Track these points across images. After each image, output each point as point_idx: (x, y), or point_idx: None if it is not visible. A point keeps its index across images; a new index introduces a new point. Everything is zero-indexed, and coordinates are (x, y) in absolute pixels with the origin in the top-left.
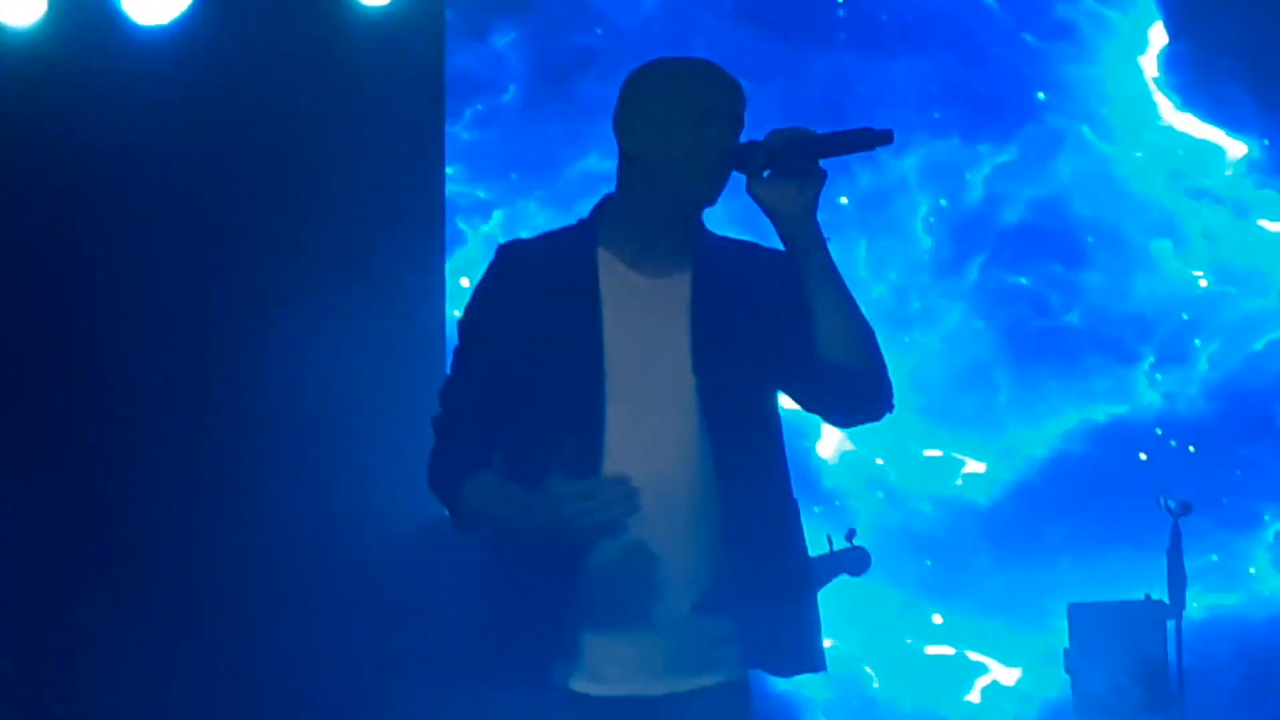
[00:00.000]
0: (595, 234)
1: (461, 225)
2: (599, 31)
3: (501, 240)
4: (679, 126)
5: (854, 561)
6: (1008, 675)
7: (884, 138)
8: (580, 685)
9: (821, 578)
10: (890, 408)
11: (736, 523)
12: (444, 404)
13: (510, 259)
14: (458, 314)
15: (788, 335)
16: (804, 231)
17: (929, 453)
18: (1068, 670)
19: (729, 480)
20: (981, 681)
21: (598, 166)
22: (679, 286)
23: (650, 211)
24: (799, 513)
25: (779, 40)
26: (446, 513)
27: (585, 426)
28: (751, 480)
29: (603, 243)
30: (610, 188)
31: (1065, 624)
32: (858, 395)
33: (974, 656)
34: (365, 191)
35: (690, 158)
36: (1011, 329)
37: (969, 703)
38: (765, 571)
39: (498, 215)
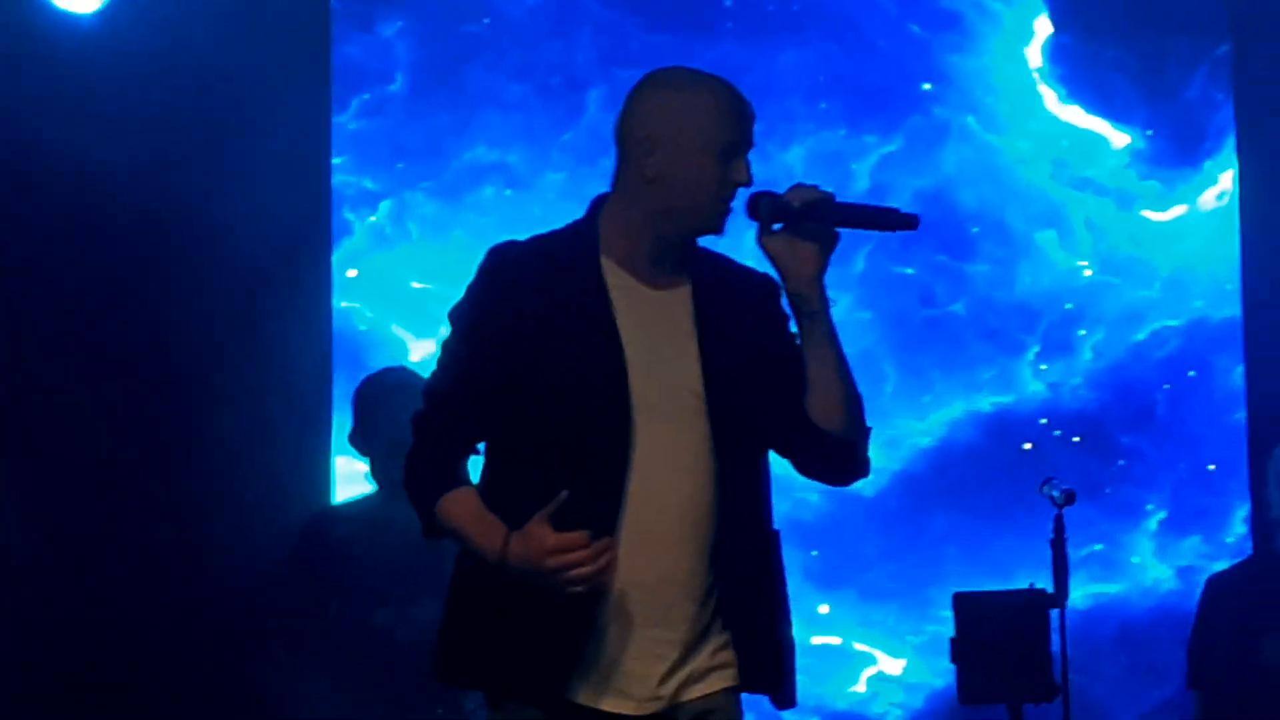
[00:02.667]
0: (596, 240)
1: (348, 216)
2: (486, 21)
3: (389, 231)
4: (706, 157)
5: None
6: (893, 665)
7: (909, 222)
8: (597, 702)
9: None
10: (864, 474)
11: (732, 542)
12: (431, 403)
13: (508, 261)
14: (345, 304)
15: (776, 367)
16: (811, 294)
17: None
18: (953, 660)
19: (730, 499)
20: (868, 671)
21: (485, 157)
22: (681, 298)
23: (658, 229)
24: (779, 540)
25: (666, 30)
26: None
27: (613, 439)
28: (748, 500)
29: (604, 250)
30: (498, 177)
31: (950, 613)
32: (835, 461)
33: (860, 646)
34: (251, 181)
35: (714, 190)
36: (898, 319)
37: (855, 692)
38: (756, 594)
39: (385, 206)
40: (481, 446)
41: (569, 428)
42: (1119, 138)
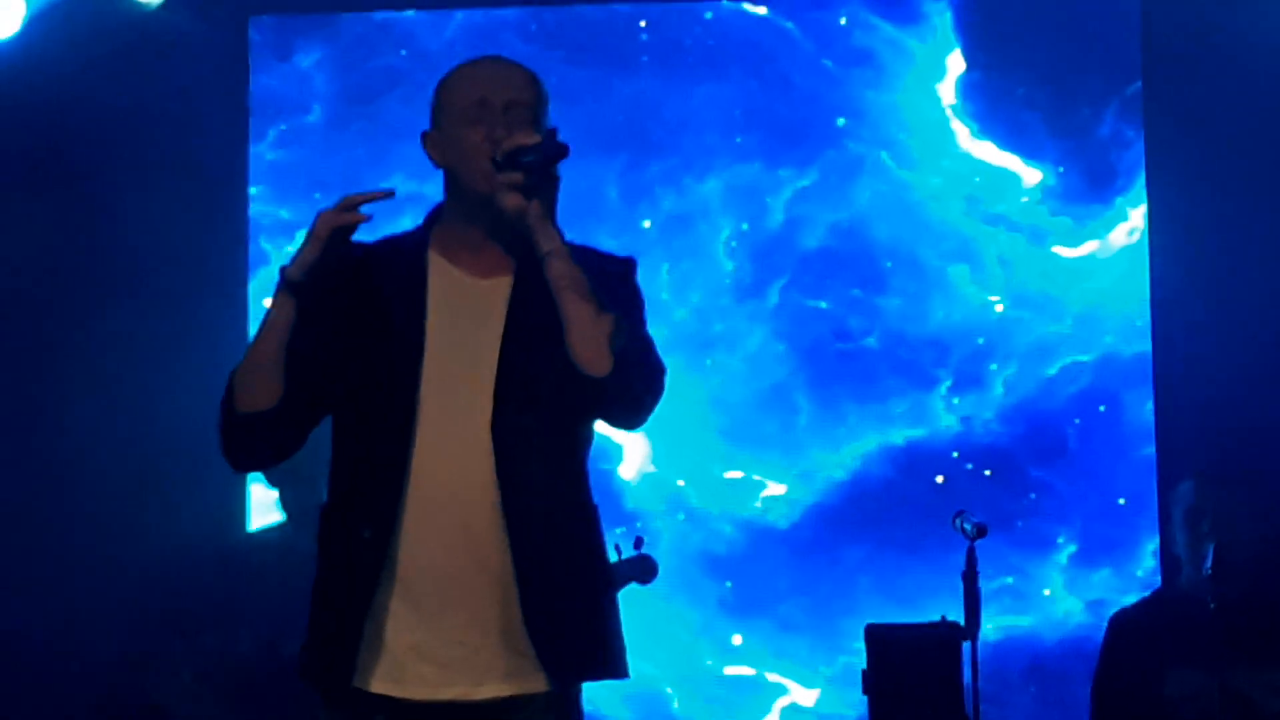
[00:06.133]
0: (427, 238)
1: (265, 246)
2: (403, 53)
3: None
4: (460, 127)
5: (640, 569)
6: (806, 696)
7: (564, 150)
8: (397, 690)
9: None
10: (641, 416)
11: (524, 525)
12: None
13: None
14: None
15: None
16: (538, 237)
17: (730, 474)
18: (865, 691)
19: (512, 479)
20: (781, 702)
21: (402, 188)
22: (501, 287)
23: (467, 215)
24: (595, 517)
25: (584, 64)
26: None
27: (398, 422)
28: (541, 484)
29: (433, 246)
30: (416, 208)
31: (863, 645)
32: (603, 403)
33: (773, 678)
34: (169, 212)
35: (473, 153)
36: (811, 352)
37: None
38: (559, 576)
39: (301, 236)
40: None
41: (365, 413)
42: (1031, 174)
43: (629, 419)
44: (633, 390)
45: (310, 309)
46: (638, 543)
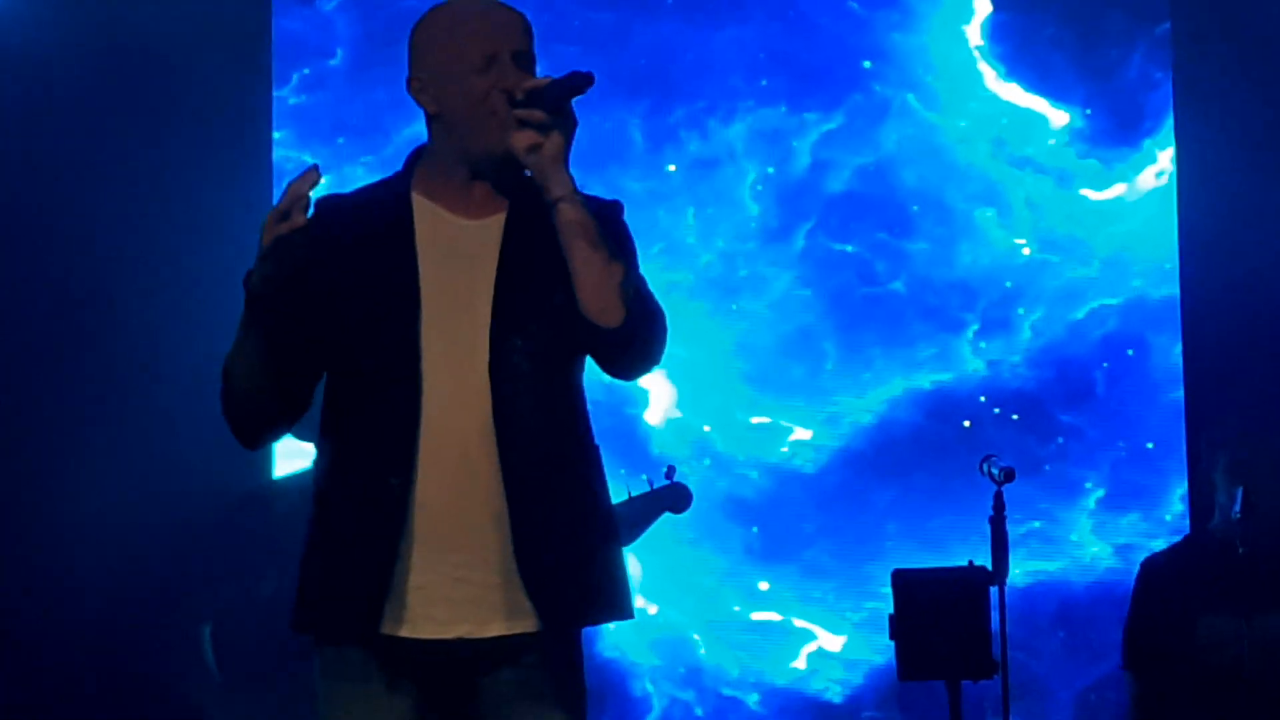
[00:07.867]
0: (409, 182)
1: None
2: None
3: None
4: (466, 76)
5: (674, 498)
6: (833, 641)
7: (589, 79)
8: (407, 631)
9: (644, 518)
10: (651, 364)
11: (519, 465)
12: None
13: (326, 211)
14: None
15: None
16: (551, 181)
17: (756, 420)
18: (892, 636)
19: (509, 419)
20: (808, 648)
21: (425, 132)
22: (493, 228)
23: (460, 161)
24: (595, 458)
25: (607, 8)
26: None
27: (406, 366)
28: (533, 420)
29: (418, 189)
30: None
31: (890, 590)
32: (614, 352)
33: (799, 623)
34: (192, 156)
35: (480, 104)
36: (838, 296)
37: (795, 669)
38: (554, 516)
39: (325, 180)
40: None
41: (368, 365)
42: (1058, 116)
43: (637, 368)
44: (641, 338)
45: (283, 308)
46: (669, 472)
